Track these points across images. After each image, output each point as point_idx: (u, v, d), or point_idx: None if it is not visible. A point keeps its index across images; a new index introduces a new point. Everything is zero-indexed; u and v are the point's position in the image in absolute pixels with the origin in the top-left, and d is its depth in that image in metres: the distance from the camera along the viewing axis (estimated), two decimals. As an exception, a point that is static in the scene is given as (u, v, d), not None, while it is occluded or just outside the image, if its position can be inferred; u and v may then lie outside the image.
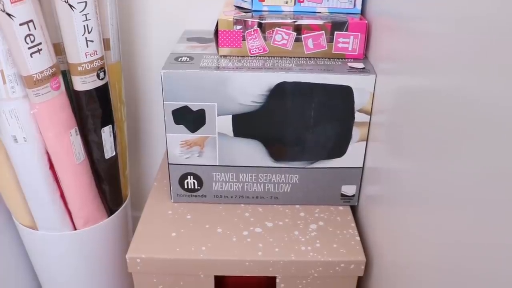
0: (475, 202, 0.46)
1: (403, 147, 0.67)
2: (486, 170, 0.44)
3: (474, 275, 0.46)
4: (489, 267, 0.44)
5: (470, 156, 0.47)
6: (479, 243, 0.46)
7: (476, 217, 0.46)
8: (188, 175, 0.90)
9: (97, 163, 0.98)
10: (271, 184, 0.91)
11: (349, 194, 0.92)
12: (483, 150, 0.44)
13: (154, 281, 0.83)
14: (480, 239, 0.45)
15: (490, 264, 0.44)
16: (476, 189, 0.46)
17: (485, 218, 0.44)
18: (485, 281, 0.44)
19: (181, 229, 0.86)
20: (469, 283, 0.47)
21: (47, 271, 1.08)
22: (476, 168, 0.46)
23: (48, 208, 0.94)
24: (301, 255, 0.81)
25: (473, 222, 0.47)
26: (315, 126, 0.85)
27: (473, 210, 0.47)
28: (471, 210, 0.47)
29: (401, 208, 0.68)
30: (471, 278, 0.47)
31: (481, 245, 0.45)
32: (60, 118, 0.87)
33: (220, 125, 0.84)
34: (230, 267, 0.81)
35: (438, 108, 0.55)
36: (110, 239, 1.06)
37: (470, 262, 0.47)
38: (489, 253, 0.44)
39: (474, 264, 0.46)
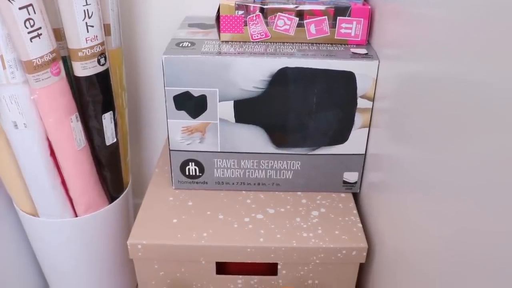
0: (477, 189, 0.46)
1: (406, 134, 0.67)
2: (489, 158, 0.44)
3: (476, 263, 0.46)
4: (490, 254, 0.43)
5: (473, 144, 0.47)
6: (481, 231, 0.45)
7: (478, 205, 0.46)
8: (189, 162, 0.90)
9: (98, 149, 0.97)
10: (273, 171, 0.90)
11: (351, 181, 0.92)
12: (487, 137, 0.44)
13: (155, 267, 0.83)
14: (482, 226, 0.45)
15: (491, 252, 0.43)
16: (478, 177, 0.46)
17: (487, 206, 0.44)
18: (486, 269, 0.44)
19: (182, 216, 0.86)
20: (470, 270, 0.47)
21: (48, 258, 1.07)
22: (479, 155, 0.45)
23: (48, 194, 0.94)
24: (302, 242, 0.80)
25: (475, 209, 0.46)
26: (317, 112, 0.84)
27: (475, 197, 0.46)
28: (473, 198, 0.47)
29: (403, 195, 0.68)
30: (473, 265, 0.47)
31: (483, 232, 0.45)
32: (60, 104, 0.86)
33: (222, 111, 0.84)
34: (232, 254, 0.81)
35: (442, 94, 0.54)
36: (111, 226, 1.06)
37: (472, 250, 0.47)
38: (491, 240, 0.43)
39: (475, 251, 0.46)
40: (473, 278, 0.47)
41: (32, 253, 1.13)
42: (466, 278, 0.48)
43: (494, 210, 0.43)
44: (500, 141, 0.42)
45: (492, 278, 0.43)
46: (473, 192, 0.47)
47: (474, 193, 0.47)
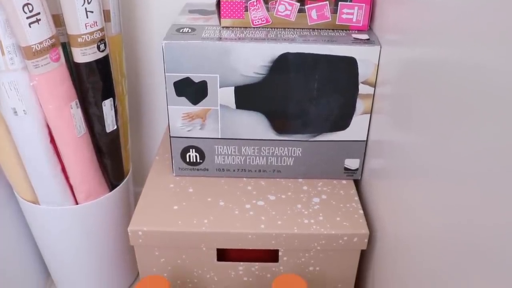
0: (480, 176, 0.45)
1: (408, 120, 0.66)
2: (492, 144, 0.43)
3: (477, 250, 0.46)
4: (491, 241, 0.43)
5: (476, 130, 0.46)
6: (482, 218, 0.45)
7: (480, 192, 0.45)
8: (190, 148, 0.89)
9: (98, 137, 0.97)
10: (274, 157, 0.90)
11: (352, 168, 0.91)
12: (490, 123, 0.43)
13: (156, 254, 0.83)
14: (483, 214, 0.45)
15: (492, 239, 0.43)
16: (480, 163, 0.45)
17: (489, 193, 0.44)
18: (486, 256, 0.44)
19: (183, 202, 0.85)
20: (471, 258, 0.47)
21: (49, 246, 1.07)
22: (482, 142, 0.45)
23: (49, 182, 0.94)
24: (304, 228, 0.80)
25: (477, 196, 0.46)
26: (319, 98, 0.84)
27: (477, 184, 0.46)
28: (475, 185, 0.46)
29: (405, 182, 0.67)
30: (473, 252, 0.46)
31: (484, 220, 0.44)
32: (60, 91, 0.86)
33: (222, 97, 0.83)
34: (233, 240, 0.80)
35: (444, 80, 0.54)
36: (112, 214, 1.05)
37: (473, 237, 0.47)
38: (491, 227, 0.43)
39: (477, 239, 0.46)
40: (473, 265, 0.46)
41: (33, 241, 1.13)
42: (467, 265, 0.48)
43: (495, 198, 0.43)
44: (503, 127, 0.41)
45: (492, 265, 0.43)
46: (475, 179, 0.46)
47: (476, 180, 0.46)
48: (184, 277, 0.86)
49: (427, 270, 0.58)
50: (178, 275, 0.85)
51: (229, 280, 0.86)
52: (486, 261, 0.44)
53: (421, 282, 0.60)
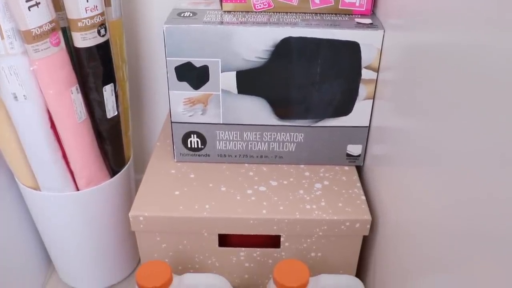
0: (482, 162, 0.45)
1: (411, 106, 0.66)
2: (495, 130, 0.43)
3: (479, 236, 0.46)
4: (493, 227, 0.43)
5: (480, 116, 0.46)
6: (484, 204, 0.45)
7: (482, 178, 0.45)
8: (191, 134, 0.89)
9: (99, 122, 0.96)
10: (276, 143, 0.89)
11: (354, 154, 0.91)
12: (494, 109, 0.43)
13: (157, 239, 0.83)
14: (485, 200, 0.44)
15: (494, 225, 0.43)
16: (483, 150, 0.45)
17: (492, 179, 0.43)
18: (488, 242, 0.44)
19: (184, 188, 0.85)
20: (473, 243, 0.47)
21: (50, 232, 1.07)
22: (485, 128, 0.44)
23: (49, 167, 0.93)
24: (306, 214, 0.80)
25: (478, 183, 0.46)
26: (321, 83, 0.83)
27: (479, 170, 0.46)
28: (477, 171, 0.46)
29: (408, 168, 0.67)
30: (475, 238, 0.46)
31: (486, 206, 0.44)
32: (60, 75, 0.85)
33: (224, 81, 0.83)
34: (234, 226, 0.80)
35: (448, 65, 0.53)
36: (113, 200, 1.05)
37: (475, 223, 0.46)
38: (494, 214, 0.43)
39: (478, 224, 0.46)
40: (475, 252, 0.46)
41: (34, 228, 1.13)
42: (468, 251, 0.48)
43: (497, 184, 0.42)
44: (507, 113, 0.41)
45: (493, 251, 0.43)
46: (478, 165, 0.46)
47: (478, 167, 0.46)
48: (186, 263, 0.85)
49: (429, 256, 0.58)
50: (179, 260, 0.85)
51: (230, 265, 0.86)
52: (487, 247, 0.44)
53: (423, 268, 0.60)
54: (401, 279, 0.68)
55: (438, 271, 0.55)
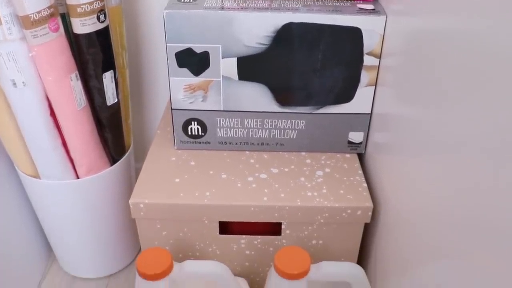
0: (485, 151, 0.45)
1: (413, 92, 0.65)
2: (499, 118, 0.42)
3: (480, 224, 0.45)
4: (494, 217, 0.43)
5: (483, 103, 0.45)
6: (486, 193, 0.44)
7: (485, 167, 0.45)
8: (192, 121, 0.88)
9: (99, 110, 0.95)
10: (277, 130, 0.89)
11: (356, 141, 0.90)
12: (498, 97, 0.42)
13: (157, 227, 0.82)
14: (487, 189, 0.44)
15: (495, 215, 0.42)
16: (486, 138, 0.44)
17: (494, 168, 0.43)
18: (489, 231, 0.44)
19: (185, 175, 0.84)
20: (474, 232, 0.47)
21: (50, 220, 1.07)
22: (489, 116, 0.44)
23: (49, 155, 0.93)
24: (307, 201, 0.79)
25: (481, 171, 0.45)
26: (323, 70, 0.82)
27: (482, 159, 0.45)
28: (480, 160, 0.46)
29: (410, 156, 0.66)
30: (476, 227, 0.46)
31: (488, 195, 0.44)
32: (59, 62, 0.84)
33: (225, 68, 0.82)
34: (235, 213, 0.80)
35: (452, 51, 0.53)
36: (113, 189, 1.05)
37: (476, 212, 0.46)
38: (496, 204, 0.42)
39: (480, 213, 0.45)
40: (476, 240, 0.46)
41: (34, 216, 1.13)
42: (469, 240, 0.47)
43: (500, 173, 0.42)
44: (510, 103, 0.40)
45: (494, 241, 0.43)
46: (480, 154, 0.46)
47: (481, 155, 0.45)
48: (186, 251, 0.85)
49: (430, 243, 0.58)
50: (180, 248, 0.85)
51: (231, 253, 0.85)
52: (487, 236, 0.44)
53: (424, 256, 0.59)
54: (402, 267, 0.68)
55: (439, 258, 0.55)
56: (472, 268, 0.47)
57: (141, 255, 0.73)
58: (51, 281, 1.17)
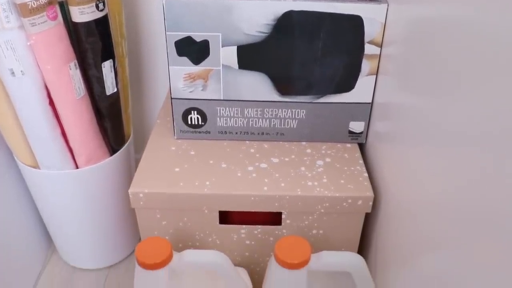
0: (486, 141, 0.44)
1: (415, 82, 0.65)
2: (501, 110, 0.41)
3: (480, 214, 0.45)
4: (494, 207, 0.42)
5: (486, 94, 0.44)
6: (486, 183, 0.44)
7: (485, 157, 0.44)
8: (191, 110, 0.87)
9: (98, 99, 0.95)
10: (277, 120, 0.88)
11: (357, 131, 0.90)
12: (501, 88, 0.42)
13: (157, 217, 0.82)
14: (488, 178, 0.44)
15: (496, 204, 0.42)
16: (487, 128, 0.44)
17: (494, 158, 0.43)
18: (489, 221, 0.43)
19: (185, 165, 0.84)
20: (474, 222, 0.46)
21: (49, 210, 1.07)
22: (490, 106, 0.43)
23: (48, 145, 0.92)
24: (307, 190, 0.79)
25: (482, 161, 0.45)
26: (323, 58, 0.81)
27: (482, 149, 0.45)
28: (480, 150, 0.45)
29: (411, 146, 0.66)
30: (477, 217, 0.46)
31: (489, 185, 0.44)
32: (58, 50, 0.84)
33: (225, 56, 0.81)
34: (235, 202, 0.79)
35: (454, 39, 0.52)
36: (113, 179, 1.04)
37: (477, 202, 0.46)
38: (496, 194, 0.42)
39: (481, 203, 0.45)
40: (476, 230, 0.46)
41: (34, 207, 1.13)
42: (470, 230, 0.47)
43: (500, 163, 0.41)
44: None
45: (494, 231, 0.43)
46: (481, 144, 0.45)
47: (482, 145, 0.45)
48: (186, 240, 0.85)
49: (430, 234, 0.57)
50: (179, 238, 0.84)
51: (231, 243, 0.85)
52: (488, 227, 0.43)
53: (425, 246, 0.59)
54: (403, 256, 0.67)
55: (439, 248, 0.55)
56: (472, 258, 0.46)
57: (140, 244, 0.72)
58: (51, 272, 1.17)
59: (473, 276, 0.46)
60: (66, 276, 1.16)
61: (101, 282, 1.14)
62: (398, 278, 0.69)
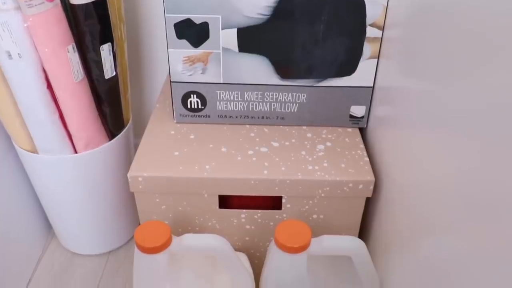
0: (488, 126, 0.44)
1: (417, 65, 0.64)
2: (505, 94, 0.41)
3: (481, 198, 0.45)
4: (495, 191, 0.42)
5: (489, 77, 0.44)
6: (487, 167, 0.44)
7: (488, 142, 0.44)
8: (191, 94, 0.86)
9: (97, 83, 0.94)
10: (278, 104, 0.87)
11: (358, 116, 0.89)
12: (505, 71, 0.41)
13: (156, 201, 0.81)
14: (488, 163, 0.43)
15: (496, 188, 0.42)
16: (490, 113, 0.43)
17: (496, 143, 0.42)
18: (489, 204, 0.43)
19: (184, 149, 0.83)
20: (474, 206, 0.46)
21: (48, 196, 1.06)
22: (495, 91, 0.43)
23: (46, 129, 0.92)
24: (308, 174, 0.78)
25: (483, 147, 0.45)
26: (324, 41, 0.80)
27: (484, 134, 0.44)
28: (482, 134, 0.45)
29: (412, 130, 0.65)
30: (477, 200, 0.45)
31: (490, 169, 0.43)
32: (55, 33, 0.83)
33: (225, 39, 0.80)
34: (235, 186, 0.78)
35: (457, 22, 0.51)
36: (112, 164, 1.04)
37: (478, 186, 0.45)
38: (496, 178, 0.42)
39: (482, 187, 0.45)
40: (477, 215, 0.45)
41: (33, 192, 1.12)
42: (471, 214, 0.47)
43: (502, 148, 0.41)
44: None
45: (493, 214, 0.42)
46: (483, 128, 0.45)
47: (484, 130, 0.45)
48: (186, 225, 0.84)
49: (431, 218, 0.57)
50: (179, 222, 0.84)
51: (231, 227, 0.84)
52: (490, 210, 0.43)
53: (425, 230, 0.59)
54: (404, 240, 0.67)
55: (440, 232, 0.54)
56: (472, 241, 0.46)
57: (139, 228, 0.72)
58: (51, 258, 1.17)
59: (473, 259, 0.46)
60: (66, 262, 1.16)
61: (100, 268, 1.14)
62: (398, 262, 0.69)
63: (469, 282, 0.47)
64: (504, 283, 0.40)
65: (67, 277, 1.12)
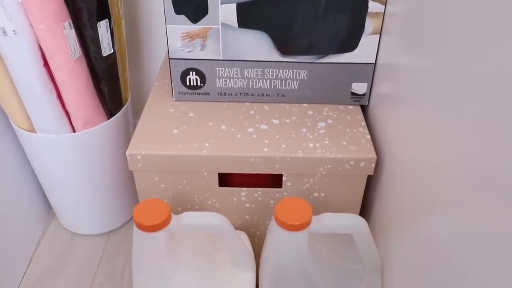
0: (491, 104, 0.43)
1: (420, 41, 0.62)
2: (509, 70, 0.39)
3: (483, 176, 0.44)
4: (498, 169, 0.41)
5: (492, 55, 0.42)
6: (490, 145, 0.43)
7: (490, 120, 0.43)
8: (190, 71, 0.85)
9: (94, 61, 0.92)
10: (278, 81, 0.86)
11: (359, 93, 0.87)
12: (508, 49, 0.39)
13: (155, 179, 0.80)
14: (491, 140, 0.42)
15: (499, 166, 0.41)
16: (494, 91, 0.42)
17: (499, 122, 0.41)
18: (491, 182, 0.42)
19: (183, 126, 0.82)
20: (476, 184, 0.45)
21: (47, 175, 1.05)
22: (498, 67, 0.41)
23: (44, 108, 0.90)
24: (309, 152, 0.77)
25: (486, 124, 0.44)
26: (326, 16, 0.79)
27: (487, 112, 0.43)
28: (485, 112, 0.44)
29: (414, 108, 0.64)
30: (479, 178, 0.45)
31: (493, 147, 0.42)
32: (51, 9, 0.81)
33: (224, 14, 0.79)
34: (235, 164, 0.77)
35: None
36: (110, 143, 1.03)
37: (480, 164, 0.45)
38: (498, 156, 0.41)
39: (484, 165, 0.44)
40: (479, 193, 0.45)
41: (32, 172, 1.11)
42: (472, 193, 0.46)
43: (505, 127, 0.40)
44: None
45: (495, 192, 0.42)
46: (486, 106, 0.44)
47: (487, 108, 0.43)
48: (185, 203, 0.83)
49: (433, 196, 0.56)
50: (178, 201, 0.83)
51: (231, 206, 0.84)
52: (491, 188, 0.42)
53: (427, 208, 0.58)
54: (405, 218, 0.66)
55: (441, 210, 0.53)
56: (474, 220, 0.45)
57: (138, 206, 0.71)
58: (51, 238, 1.17)
59: (474, 237, 0.45)
60: (66, 242, 1.16)
61: (100, 248, 1.14)
62: (400, 240, 0.68)
63: (470, 259, 0.46)
64: (504, 262, 0.39)
65: (67, 257, 1.12)
